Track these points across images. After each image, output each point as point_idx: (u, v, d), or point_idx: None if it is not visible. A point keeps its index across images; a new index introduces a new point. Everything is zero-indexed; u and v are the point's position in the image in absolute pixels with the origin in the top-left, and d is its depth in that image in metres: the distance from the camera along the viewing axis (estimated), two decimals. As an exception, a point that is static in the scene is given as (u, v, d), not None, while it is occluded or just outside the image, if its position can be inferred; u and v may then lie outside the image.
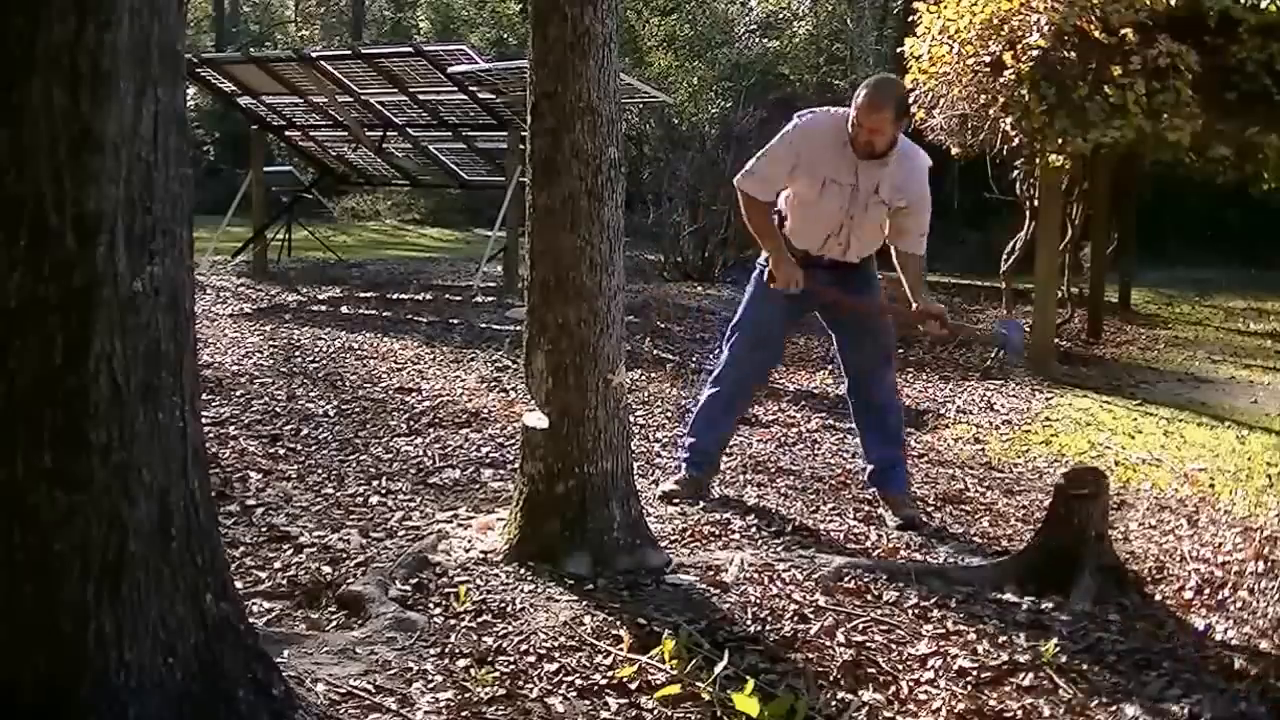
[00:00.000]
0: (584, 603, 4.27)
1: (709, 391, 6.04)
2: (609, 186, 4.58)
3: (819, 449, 7.14)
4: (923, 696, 3.74)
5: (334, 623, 4.15)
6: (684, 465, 6.00)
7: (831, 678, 3.81)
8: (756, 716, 3.41)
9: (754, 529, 5.45)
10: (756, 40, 25.95)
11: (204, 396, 7.04)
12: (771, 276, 5.73)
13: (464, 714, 3.46)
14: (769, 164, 5.69)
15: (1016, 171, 10.84)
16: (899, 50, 11.21)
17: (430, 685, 3.62)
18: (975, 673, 3.89)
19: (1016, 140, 9.78)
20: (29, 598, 2.75)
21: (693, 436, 6.02)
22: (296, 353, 9.63)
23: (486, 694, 3.57)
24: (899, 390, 6.17)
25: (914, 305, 5.85)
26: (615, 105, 4.60)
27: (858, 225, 5.69)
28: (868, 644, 4.06)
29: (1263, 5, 8.46)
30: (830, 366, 9.77)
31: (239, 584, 4.03)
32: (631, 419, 5.86)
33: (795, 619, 4.23)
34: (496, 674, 3.69)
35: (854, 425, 6.14)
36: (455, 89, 13.55)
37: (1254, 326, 14.52)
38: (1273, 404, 9.35)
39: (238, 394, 7.88)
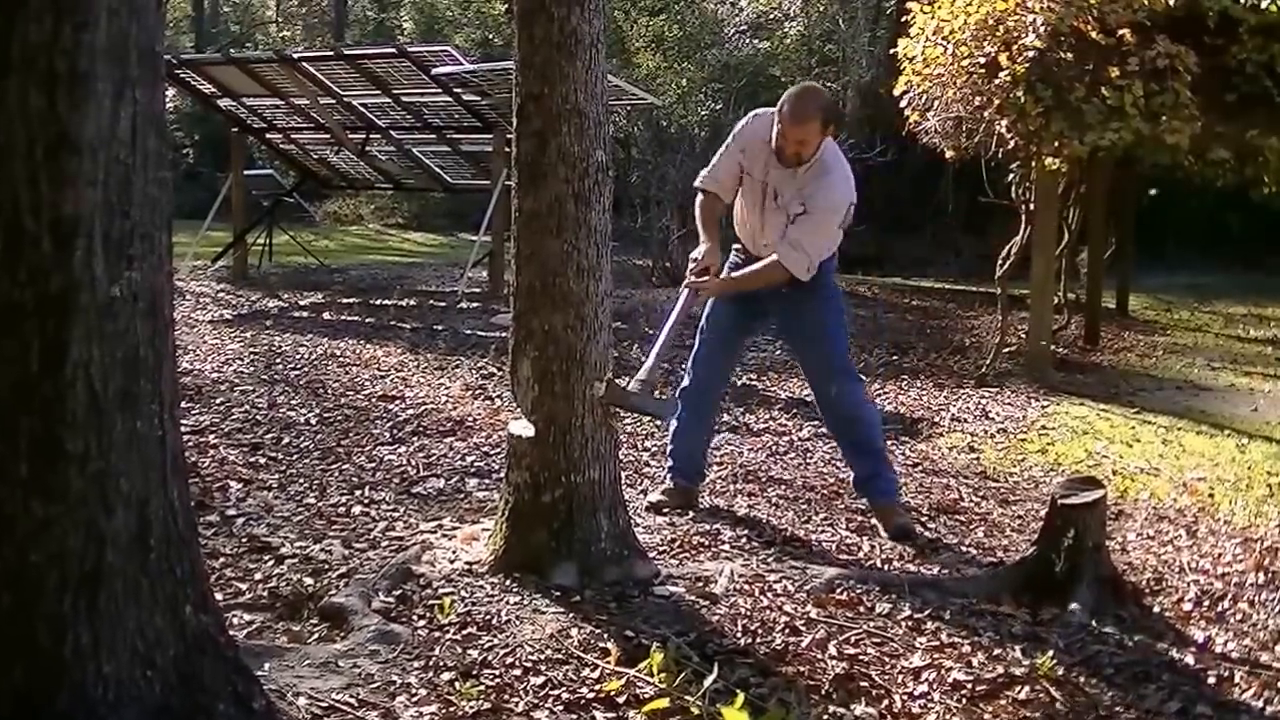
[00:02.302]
0: (571, 615, 4.28)
1: (679, 401, 6.08)
2: (596, 190, 4.59)
3: (810, 458, 7.15)
4: (916, 710, 3.75)
5: (316, 635, 4.15)
6: (669, 475, 6.01)
7: (823, 691, 3.81)
8: (747, 731, 3.42)
9: (744, 539, 5.45)
10: (747, 41, 25.96)
11: (183, 404, 7.04)
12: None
13: (448, 728, 3.46)
14: (718, 161, 5.82)
15: (1012, 175, 10.85)
16: (892, 51, 11.22)
17: (414, 699, 3.62)
18: (970, 686, 3.90)
19: (1012, 143, 9.79)
20: (5, 609, 2.75)
21: (672, 446, 6.06)
22: (278, 360, 9.63)
23: (471, 708, 3.58)
24: (866, 398, 6.11)
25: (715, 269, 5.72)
26: (602, 107, 4.61)
27: (766, 225, 5.74)
28: (860, 657, 4.07)
29: (1263, 5, 8.49)
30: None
31: (219, 596, 4.04)
32: (619, 427, 5.87)
33: (786, 631, 4.24)
34: (481, 688, 3.70)
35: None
36: (440, 91, 13.57)
37: (1254, 333, 14.55)
38: (1273, 412, 9.37)
39: (218, 402, 7.87)
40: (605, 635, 4.11)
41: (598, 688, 3.73)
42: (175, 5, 35.29)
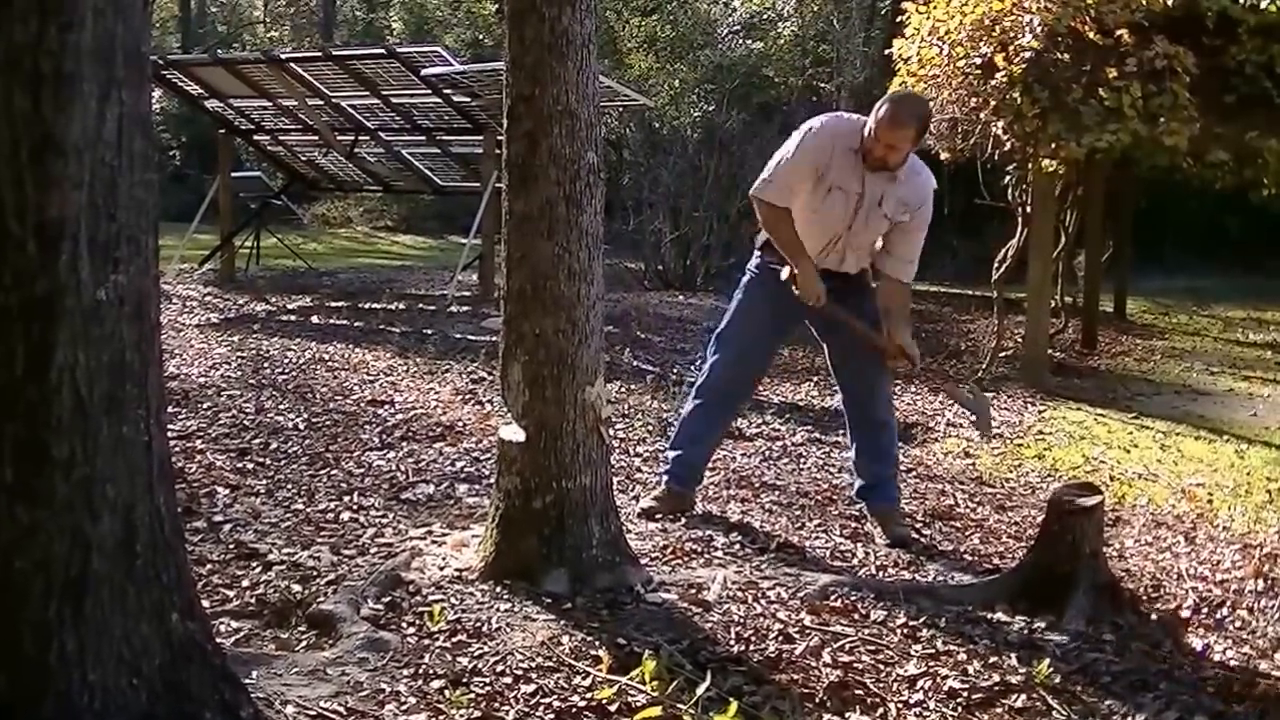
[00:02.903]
0: (562, 622, 4.28)
1: (692, 404, 6.03)
2: (587, 192, 4.59)
3: (804, 463, 7.16)
4: (912, 719, 3.75)
5: (304, 643, 4.15)
6: (665, 480, 6.00)
7: (817, 700, 3.82)
8: (740, 739, 3.42)
9: (737, 546, 5.46)
10: (740, 42, 26.02)
11: (170, 409, 7.00)
12: (775, 284, 5.68)
13: (438, 737, 3.47)
14: (791, 171, 5.60)
15: (1009, 177, 10.88)
16: (887, 52, 11.25)
17: (403, 707, 3.62)
18: (966, 694, 3.90)
19: (1009, 145, 9.82)
20: (-11, 617, 2.75)
21: (676, 450, 6.01)
22: (265, 364, 9.62)
23: (461, 716, 3.57)
24: (891, 402, 6.12)
25: (892, 338, 5.69)
26: (594, 108, 4.61)
27: (855, 236, 5.66)
28: (855, 665, 4.07)
29: (1262, 5, 8.51)
30: (816, 378, 9.82)
31: (206, 603, 4.04)
32: (611, 432, 5.87)
33: (780, 639, 4.24)
34: (472, 696, 3.69)
35: (848, 438, 6.11)
36: (429, 92, 13.57)
37: (1253, 337, 14.59)
38: (1272, 417, 9.40)
39: (205, 406, 7.86)
40: (597, 643, 4.11)
41: (589, 696, 3.73)
42: (162, 5, 35.28)
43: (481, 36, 29.49)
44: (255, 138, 16.59)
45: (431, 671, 3.86)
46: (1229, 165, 11.30)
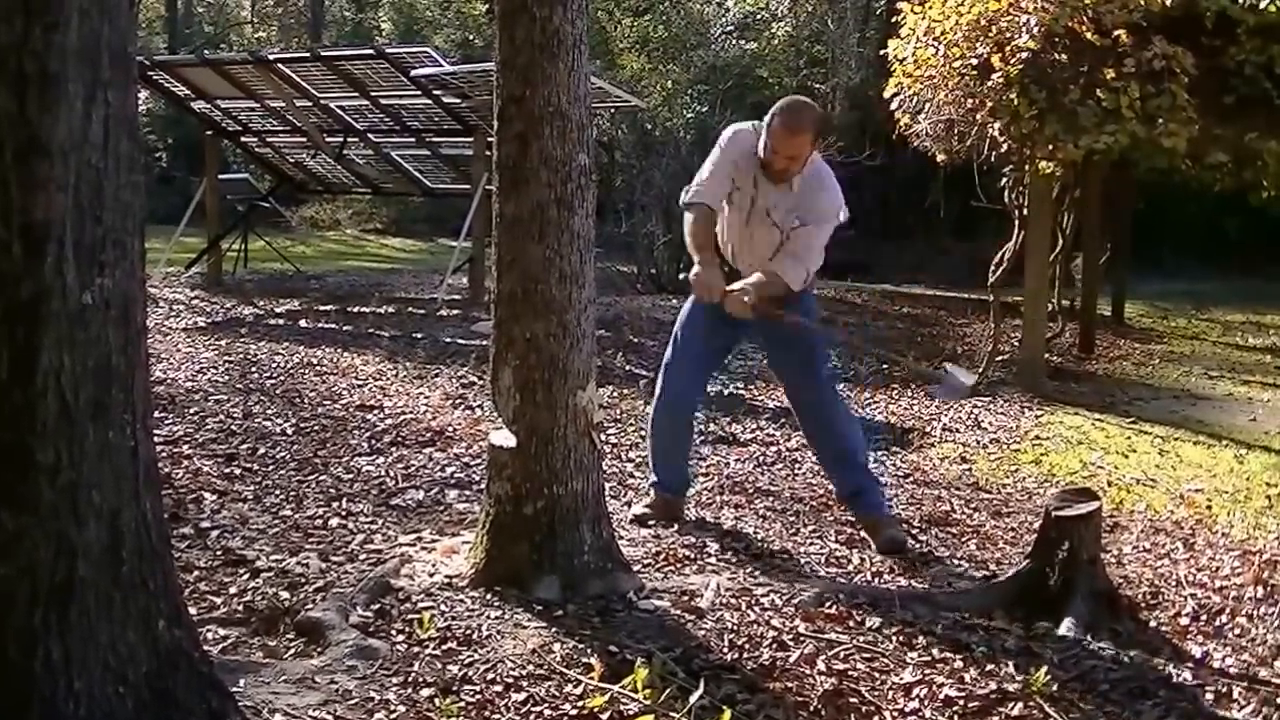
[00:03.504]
0: (553, 629, 4.28)
1: (651, 415, 6.11)
2: (579, 195, 4.60)
3: (799, 469, 7.16)
4: (907, 726, 3.76)
5: (292, 650, 4.15)
6: (653, 488, 6.03)
7: (812, 708, 3.82)
8: (734, 747, 3.43)
9: (731, 552, 5.46)
10: (734, 42, 26.02)
11: (156, 414, 7.01)
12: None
13: (428, 746, 3.47)
14: (710, 175, 5.73)
15: (1005, 179, 10.86)
16: (882, 53, 11.25)
17: (393, 716, 3.62)
18: (962, 702, 3.91)
19: (1005, 146, 9.82)
20: (-27, 625, 2.75)
21: (653, 459, 6.08)
22: (253, 368, 9.62)
23: (452, 725, 3.58)
24: (848, 410, 6.14)
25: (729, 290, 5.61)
26: (586, 110, 4.62)
27: (750, 239, 5.75)
28: (850, 672, 4.08)
29: (1261, 5, 8.52)
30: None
31: (193, 610, 4.04)
32: (603, 437, 5.87)
33: (774, 646, 4.24)
34: (462, 704, 3.70)
35: (813, 453, 6.14)
36: (419, 93, 13.56)
37: (1252, 341, 14.59)
38: (1272, 422, 9.40)
39: (192, 411, 7.86)
40: (588, 650, 4.11)
41: (581, 704, 3.73)
42: (148, 5, 35.22)
43: (472, 37, 29.48)
44: (243, 139, 16.58)
45: (421, 679, 3.86)
46: (1228, 167, 11.30)
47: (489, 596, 4.55)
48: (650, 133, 19.30)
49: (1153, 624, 4.78)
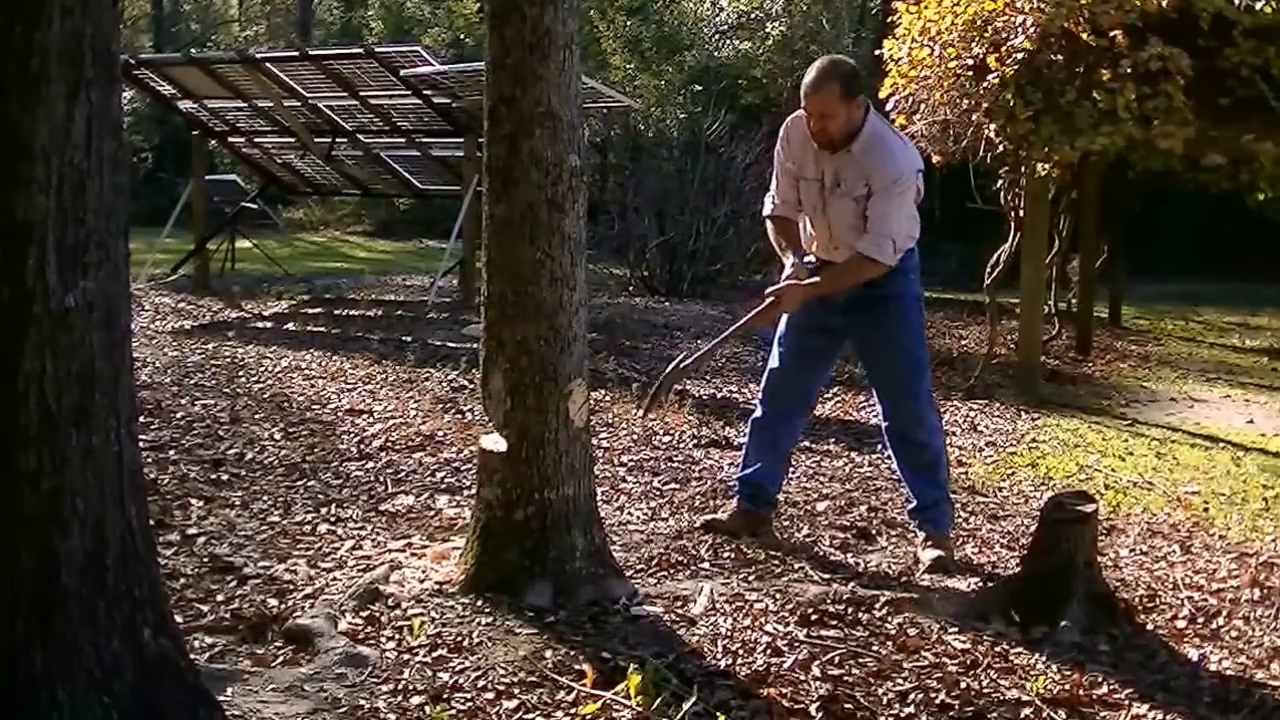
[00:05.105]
0: (545, 636, 4.27)
1: (751, 421, 5.99)
2: (570, 196, 4.59)
3: (794, 472, 7.12)
4: (903, 733, 3.75)
5: (280, 658, 4.14)
6: (738, 499, 5.93)
7: (807, 714, 3.81)
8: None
9: (724, 557, 5.45)
10: (727, 42, 26.06)
11: (141, 419, 7.01)
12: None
13: (418, 755, 3.46)
14: (775, 179, 5.75)
15: (1001, 180, 10.86)
16: (877, 53, 11.25)
17: (382, 724, 3.62)
18: (958, 707, 3.90)
19: (1001, 147, 9.82)
20: (-46, 634, 2.74)
21: (743, 469, 5.95)
22: (240, 372, 9.60)
23: (442, 733, 3.57)
24: (939, 426, 6.01)
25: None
26: (577, 110, 4.61)
27: (833, 222, 5.59)
28: (845, 678, 4.07)
29: (1258, 7, 8.52)
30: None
31: (179, 618, 4.02)
32: (594, 442, 5.86)
33: (768, 652, 4.24)
34: (453, 712, 3.69)
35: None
36: (408, 93, 13.54)
37: (1249, 343, 14.62)
38: (1268, 424, 9.42)
39: (178, 416, 7.84)
40: (580, 657, 4.11)
41: (573, 711, 3.73)
42: (133, 3, 35.23)
43: (462, 36, 29.52)
44: (230, 139, 16.53)
45: (411, 687, 3.85)
46: (1224, 169, 11.29)
47: (480, 603, 4.54)
48: (643, 134, 19.34)
49: (1150, 627, 4.78)
